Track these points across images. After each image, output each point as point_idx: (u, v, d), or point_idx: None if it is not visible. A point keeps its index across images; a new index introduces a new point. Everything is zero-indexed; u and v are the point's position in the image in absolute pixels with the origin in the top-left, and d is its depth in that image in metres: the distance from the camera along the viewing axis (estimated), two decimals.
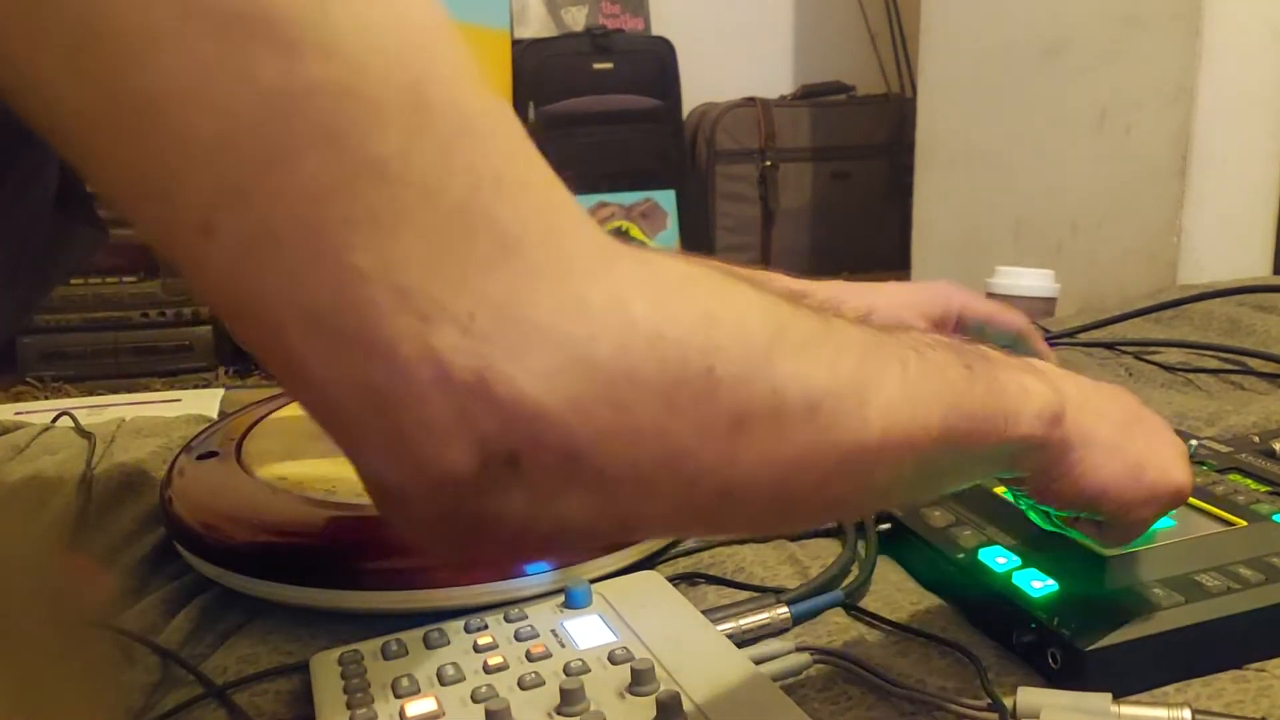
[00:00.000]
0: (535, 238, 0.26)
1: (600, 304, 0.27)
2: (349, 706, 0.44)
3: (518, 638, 0.48)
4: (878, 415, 0.32)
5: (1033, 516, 0.50)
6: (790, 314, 0.32)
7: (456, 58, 0.27)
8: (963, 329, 0.67)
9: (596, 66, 2.60)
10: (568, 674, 0.44)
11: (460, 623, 0.50)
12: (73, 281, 2.03)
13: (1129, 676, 0.46)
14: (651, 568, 0.58)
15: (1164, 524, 0.54)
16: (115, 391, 1.86)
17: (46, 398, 1.94)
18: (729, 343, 0.29)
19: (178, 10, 0.23)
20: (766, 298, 0.31)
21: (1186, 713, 0.43)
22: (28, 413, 0.99)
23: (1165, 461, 0.45)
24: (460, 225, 0.25)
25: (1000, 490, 0.58)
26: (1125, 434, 0.43)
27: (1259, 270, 1.54)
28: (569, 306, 0.26)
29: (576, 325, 0.26)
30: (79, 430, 0.85)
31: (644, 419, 0.27)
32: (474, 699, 0.43)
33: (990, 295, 1.38)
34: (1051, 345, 1.00)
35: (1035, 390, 0.39)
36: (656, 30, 2.75)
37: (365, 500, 0.56)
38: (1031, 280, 1.36)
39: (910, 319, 0.66)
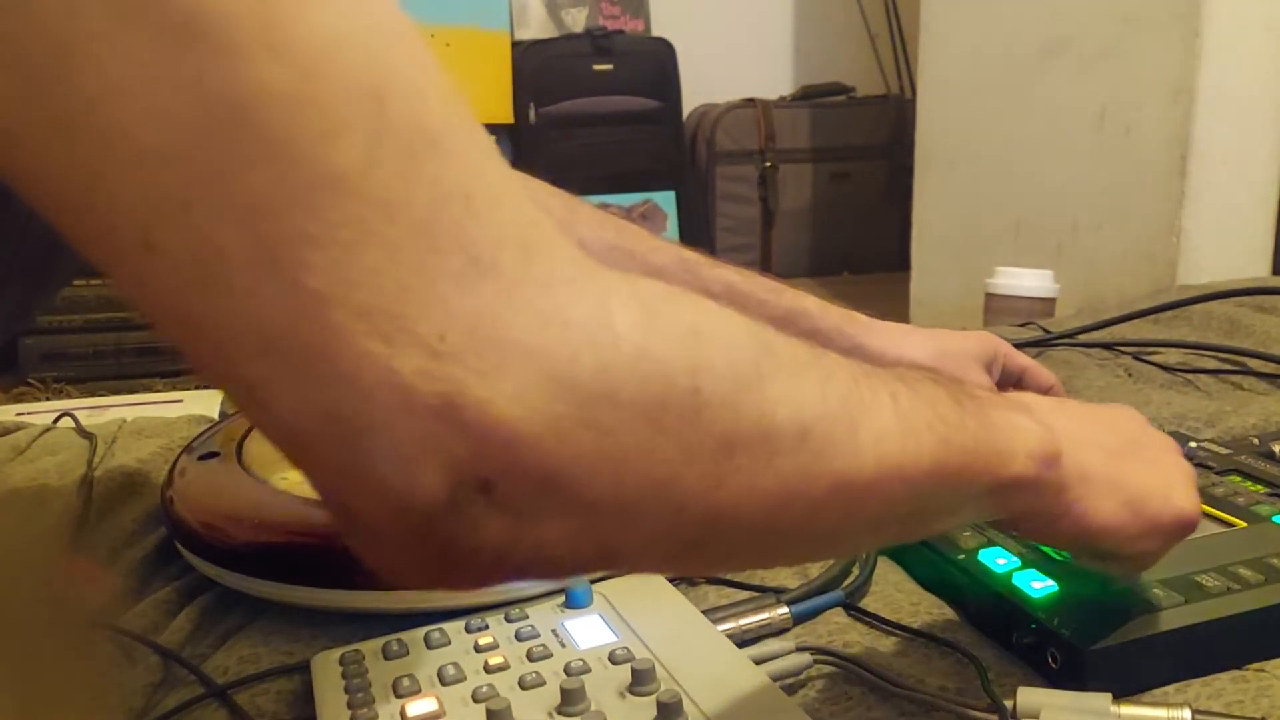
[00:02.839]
0: (510, 254, 0.25)
1: (582, 319, 0.25)
2: (350, 706, 0.44)
3: (518, 638, 0.48)
4: (870, 443, 0.31)
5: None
6: (776, 336, 0.31)
7: (420, 66, 0.25)
8: (1003, 377, 0.72)
9: (596, 68, 2.60)
10: (568, 674, 0.45)
11: (461, 623, 0.50)
12: (75, 282, 2.03)
13: (1129, 676, 0.46)
14: None
15: None
16: (116, 392, 1.86)
17: (48, 398, 1.93)
18: (716, 362, 0.27)
19: (109, 15, 0.22)
20: (751, 320, 0.30)
21: (1186, 713, 0.43)
22: (29, 413, 0.99)
23: (1168, 490, 0.43)
24: (428, 241, 0.24)
25: None
26: (1122, 464, 0.42)
27: (1259, 270, 1.54)
28: (549, 322, 0.25)
29: (556, 342, 0.25)
30: (80, 431, 0.85)
31: (627, 441, 0.26)
32: (475, 699, 0.43)
33: (990, 296, 1.38)
34: (1051, 345, 1.01)
35: (1027, 428, 0.38)
36: (656, 31, 2.75)
37: None
38: (1031, 281, 1.36)
39: (969, 364, 0.69)
